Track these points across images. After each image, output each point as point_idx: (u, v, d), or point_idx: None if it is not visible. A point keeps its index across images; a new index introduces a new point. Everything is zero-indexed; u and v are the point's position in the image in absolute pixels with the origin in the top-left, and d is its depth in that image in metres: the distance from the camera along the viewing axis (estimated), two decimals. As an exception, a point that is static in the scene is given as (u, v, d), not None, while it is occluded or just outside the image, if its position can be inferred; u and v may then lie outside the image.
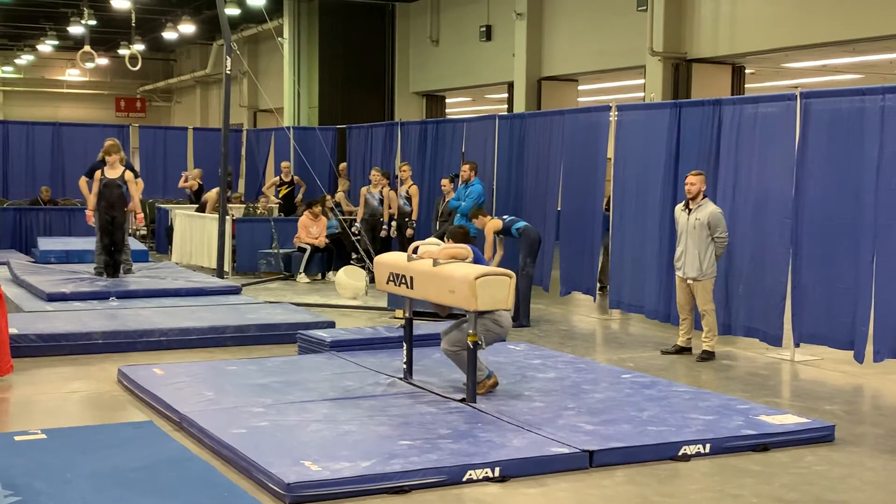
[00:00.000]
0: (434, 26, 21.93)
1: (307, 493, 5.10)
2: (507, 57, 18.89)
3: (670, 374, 8.32)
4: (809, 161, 8.95)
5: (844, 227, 8.59)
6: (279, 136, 19.84)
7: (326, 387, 7.30)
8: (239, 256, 15.00)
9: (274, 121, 22.67)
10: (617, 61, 16.69)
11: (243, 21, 26.77)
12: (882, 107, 8.26)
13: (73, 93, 41.27)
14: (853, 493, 5.45)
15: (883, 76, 17.93)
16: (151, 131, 21.42)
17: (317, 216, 14.53)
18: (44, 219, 16.89)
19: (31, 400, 7.34)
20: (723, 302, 9.62)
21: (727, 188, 9.79)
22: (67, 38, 30.78)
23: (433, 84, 22.43)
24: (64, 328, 9.11)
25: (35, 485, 5.03)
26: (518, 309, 10.41)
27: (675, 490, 5.45)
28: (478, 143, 14.08)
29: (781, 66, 17.32)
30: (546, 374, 7.92)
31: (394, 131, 16.74)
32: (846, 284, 8.55)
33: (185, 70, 38.40)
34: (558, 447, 5.83)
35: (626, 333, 10.66)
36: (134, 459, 5.52)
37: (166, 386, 7.23)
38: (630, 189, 11.08)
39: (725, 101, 10.16)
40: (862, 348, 8.39)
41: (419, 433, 6.08)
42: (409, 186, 13.97)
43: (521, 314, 10.54)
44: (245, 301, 11.37)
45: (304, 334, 9.03)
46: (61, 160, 19.02)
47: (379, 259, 7.88)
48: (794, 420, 6.57)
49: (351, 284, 12.47)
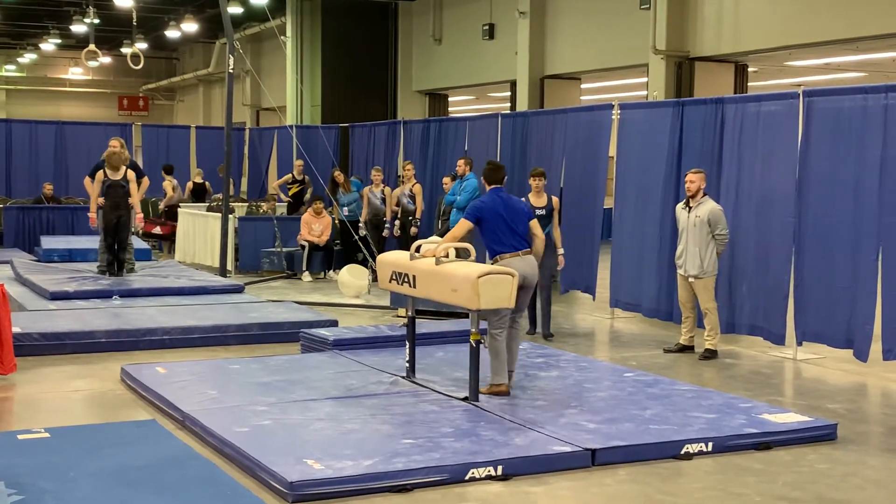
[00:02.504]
0: (437, 25, 21.93)
1: (310, 491, 5.11)
2: (509, 55, 18.89)
3: (673, 373, 8.33)
4: (812, 159, 8.95)
5: (847, 226, 8.58)
6: (282, 134, 19.84)
7: (329, 385, 7.31)
8: (242, 255, 15.01)
9: (277, 119, 22.68)
10: (620, 60, 16.69)
11: (246, 20, 26.80)
12: (885, 105, 8.25)
13: (76, 91, 41.35)
14: (856, 491, 5.46)
15: (886, 74, 17.93)
16: (154, 130, 21.45)
17: (319, 214, 14.54)
18: (47, 217, 16.90)
19: (34, 399, 7.35)
20: (726, 300, 9.62)
21: (730, 187, 9.79)
22: (70, 36, 30.83)
23: (436, 82, 22.44)
24: (67, 327, 9.12)
25: (39, 483, 5.04)
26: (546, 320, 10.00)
27: (678, 489, 5.46)
28: (480, 141, 14.09)
29: (784, 65, 17.31)
30: (549, 372, 7.92)
31: (396, 130, 16.74)
32: (849, 283, 8.55)
33: (187, 69, 38.46)
34: (561, 446, 5.83)
35: (627, 332, 10.66)
36: (137, 458, 5.53)
37: (169, 384, 7.24)
38: (632, 188, 11.07)
39: (728, 100, 10.15)
40: (865, 347, 8.39)
41: (422, 432, 6.08)
42: (413, 185, 13.97)
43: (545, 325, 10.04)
44: (248, 300, 11.38)
45: (306, 333, 9.03)
46: (64, 159, 19.03)
47: (382, 258, 7.89)
48: (796, 418, 6.58)
49: (354, 283, 12.48)
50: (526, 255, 7.28)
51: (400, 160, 16.01)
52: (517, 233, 7.28)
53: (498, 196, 7.37)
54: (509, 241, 7.26)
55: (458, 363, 7.86)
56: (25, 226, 16.76)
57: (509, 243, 7.26)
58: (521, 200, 7.59)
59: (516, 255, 7.22)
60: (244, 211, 17.20)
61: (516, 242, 7.27)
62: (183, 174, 20.09)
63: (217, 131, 20.32)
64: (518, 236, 7.29)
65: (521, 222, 7.33)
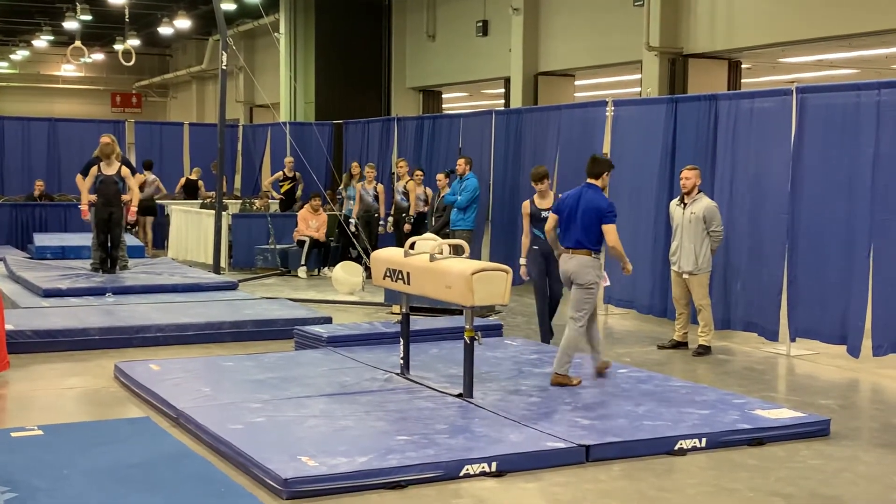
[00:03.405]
0: (430, 21, 21.90)
1: (304, 488, 5.11)
2: (503, 52, 18.88)
3: (666, 369, 8.34)
4: (805, 156, 8.97)
5: (840, 222, 8.60)
6: (275, 131, 19.82)
7: (323, 382, 7.30)
8: (235, 252, 15.00)
9: (270, 116, 22.65)
10: (613, 56, 16.68)
11: (239, 16, 26.74)
12: (878, 101, 8.27)
13: (68, 88, 41.22)
14: (848, 486, 5.47)
15: (879, 71, 17.94)
16: (147, 127, 21.39)
17: (316, 210, 14.53)
18: (39, 215, 16.88)
19: (27, 396, 7.34)
20: (720, 297, 9.63)
21: (724, 183, 9.80)
22: (63, 33, 30.73)
23: (430, 79, 22.42)
24: (60, 324, 9.11)
25: (32, 481, 5.03)
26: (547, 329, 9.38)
27: (672, 484, 5.47)
28: (474, 138, 14.08)
29: (778, 61, 17.32)
30: (542, 369, 7.92)
31: (390, 126, 16.73)
32: (842, 279, 8.57)
33: (180, 65, 38.36)
34: (555, 442, 5.84)
35: (621, 329, 10.68)
36: (131, 455, 5.52)
37: (163, 382, 7.23)
38: (626, 184, 11.08)
39: (722, 97, 10.17)
40: (857, 343, 8.42)
41: (416, 428, 6.08)
42: (406, 182, 13.97)
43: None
44: (242, 297, 11.37)
45: (300, 330, 9.03)
46: (57, 156, 18.97)
47: (376, 254, 7.88)
48: (789, 414, 6.59)
49: (348, 280, 12.47)
50: (575, 255, 7.42)
51: (394, 157, 16.00)
52: (579, 230, 7.41)
53: (581, 190, 7.56)
54: (570, 236, 7.45)
55: (453, 360, 7.86)
56: (18, 223, 16.73)
57: (570, 239, 7.46)
58: (605, 199, 7.65)
59: (567, 252, 7.46)
60: (238, 208, 17.18)
61: (574, 240, 7.43)
62: (176, 171, 20.08)
63: (210, 128, 20.27)
64: (579, 234, 7.41)
65: (586, 221, 7.40)
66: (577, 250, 7.41)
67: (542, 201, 9.13)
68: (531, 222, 9.04)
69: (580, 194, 7.51)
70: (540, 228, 8.67)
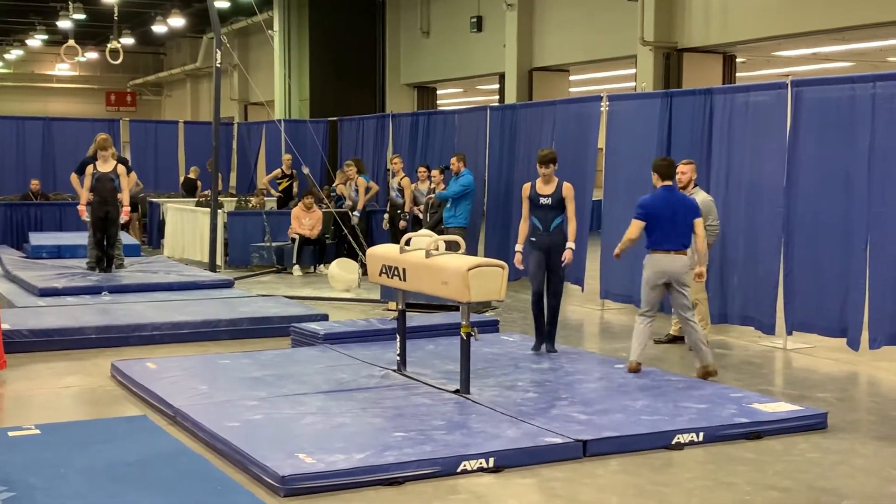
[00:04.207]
0: (424, 18, 21.90)
1: (302, 485, 5.10)
2: (497, 48, 18.88)
3: (663, 364, 8.34)
4: (801, 149, 8.97)
5: (836, 216, 8.61)
6: (270, 129, 19.79)
7: (320, 379, 7.30)
8: (231, 250, 14.98)
9: (265, 114, 22.63)
10: (608, 51, 16.70)
11: (233, 14, 26.74)
12: (873, 94, 8.28)
13: (63, 87, 41.19)
14: (846, 479, 5.48)
15: (873, 64, 17.98)
16: (142, 125, 21.34)
17: (309, 208, 14.51)
18: (35, 214, 16.85)
19: (24, 395, 7.33)
20: (717, 290, 9.63)
21: (719, 177, 9.80)
22: (57, 32, 30.71)
23: (424, 76, 22.42)
24: (56, 323, 9.09)
25: (29, 480, 5.02)
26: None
27: (669, 479, 5.47)
28: (469, 134, 14.07)
29: (772, 55, 17.35)
30: (539, 364, 7.93)
31: (385, 123, 16.71)
32: (838, 273, 8.57)
33: (175, 64, 38.34)
34: (552, 437, 5.84)
35: (618, 323, 10.67)
36: (128, 454, 5.51)
37: (160, 380, 7.22)
38: (621, 179, 11.08)
39: (717, 91, 10.17)
40: (856, 336, 8.42)
41: (413, 425, 6.08)
42: (401, 178, 13.96)
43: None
44: (238, 294, 11.36)
45: (297, 327, 9.02)
46: (52, 155, 18.92)
47: (371, 251, 7.88)
48: (786, 408, 6.60)
49: (344, 277, 12.46)
50: (677, 255, 7.64)
51: (389, 154, 15.99)
52: (677, 232, 7.64)
53: (666, 194, 7.73)
54: (668, 240, 7.64)
55: (449, 356, 7.86)
56: (13, 222, 16.69)
57: (667, 242, 7.64)
58: (690, 198, 7.94)
59: (667, 254, 7.63)
60: (233, 206, 17.15)
61: (673, 241, 7.64)
62: (171, 170, 20.06)
63: (205, 126, 20.24)
64: (677, 236, 7.64)
65: (683, 221, 7.64)
66: (679, 251, 7.68)
67: (544, 186, 8.43)
68: (530, 209, 8.49)
69: (667, 197, 7.73)
70: (538, 217, 8.36)
